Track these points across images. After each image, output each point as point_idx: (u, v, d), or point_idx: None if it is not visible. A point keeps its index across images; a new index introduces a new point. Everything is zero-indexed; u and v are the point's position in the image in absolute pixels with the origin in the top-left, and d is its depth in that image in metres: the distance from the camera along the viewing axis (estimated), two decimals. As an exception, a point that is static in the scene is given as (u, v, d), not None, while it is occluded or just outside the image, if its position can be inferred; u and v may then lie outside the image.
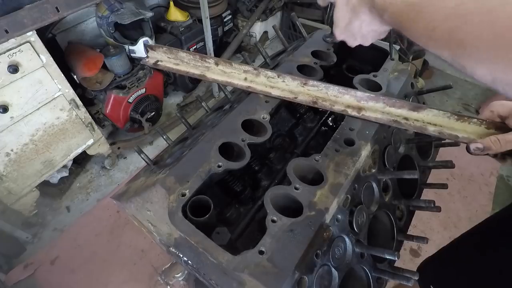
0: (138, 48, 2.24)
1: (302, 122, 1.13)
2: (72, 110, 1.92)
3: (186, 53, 0.87)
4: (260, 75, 0.85)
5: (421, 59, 3.10)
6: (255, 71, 0.85)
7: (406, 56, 2.75)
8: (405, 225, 0.96)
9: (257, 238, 0.60)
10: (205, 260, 0.60)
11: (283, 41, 1.21)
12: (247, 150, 0.74)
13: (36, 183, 1.96)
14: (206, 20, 2.46)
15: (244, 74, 0.82)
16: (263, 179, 0.97)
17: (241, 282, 0.56)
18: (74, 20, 2.28)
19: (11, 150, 1.73)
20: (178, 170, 0.70)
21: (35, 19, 1.48)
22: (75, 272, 1.92)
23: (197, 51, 2.81)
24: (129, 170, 2.54)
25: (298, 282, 0.58)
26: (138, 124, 2.53)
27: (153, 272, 1.91)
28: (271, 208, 0.64)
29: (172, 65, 0.90)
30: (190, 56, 0.87)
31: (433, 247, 1.88)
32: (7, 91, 1.56)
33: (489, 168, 2.54)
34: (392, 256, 0.70)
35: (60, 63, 1.74)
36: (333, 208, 0.68)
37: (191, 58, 0.87)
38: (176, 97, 3.14)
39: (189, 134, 0.98)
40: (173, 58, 0.90)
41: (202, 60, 0.85)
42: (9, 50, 1.48)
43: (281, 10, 3.63)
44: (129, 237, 2.07)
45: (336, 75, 1.18)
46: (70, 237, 2.08)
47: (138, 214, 0.71)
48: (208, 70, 0.85)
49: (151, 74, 2.45)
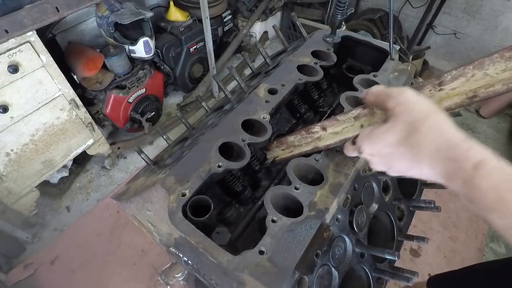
0: (138, 48, 2.24)
1: (302, 122, 1.13)
2: (72, 110, 1.92)
3: (293, 135, 0.80)
4: (375, 113, 0.63)
5: (421, 59, 3.10)
6: (366, 110, 0.64)
7: (406, 56, 2.75)
8: (405, 225, 0.96)
9: (257, 238, 0.60)
10: (205, 260, 0.60)
11: (283, 41, 1.21)
12: (247, 150, 0.74)
13: (36, 183, 1.96)
14: (206, 20, 2.46)
15: (357, 122, 0.65)
16: (263, 179, 0.97)
17: (241, 282, 0.56)
18: (74, 20, 2.28)
19: (11, 150, 1.73)
20: (178, 170, 0.70)
21: (35, 19, 1.48)
22: (75, 272, 1.92)
23: (197, 51, 2.82)
24: (129, 170, 2.54)
25: (298, 282, 0.58)
26: (138, 124, 2.53)
27: (153, 272, 1.91)
28: (271, 208, 0.64)
29: (288, 155, 0.84)
30: (298, 136, 0.79)
31: (433, 247, 1.87)
32: (7, 91, 1.56)
33: (489, 168, 2.55)
34: (392, 256, 0.70)
35: (60, 63, 1.74)
36: (333, 208, 0.68)
37: (299, 137, 0.79)
38: (176, 97, 3.14)
39: (189, 134, 0.98)
40: (285, 148, 0.84)
41: (308, 133, 0.77)
42: (9, 50, 1.48)
43: (281, 10, 3.63)
44: (129, 237, 2.07)
45: (336, 75, 1.18)
46: (70, 237, 2.08)
47: (138, 214, 0.71)
48: (320, 140, 0.74)
49: (151, 74, 2.45)
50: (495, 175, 0.42)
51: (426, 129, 0.47)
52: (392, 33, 1.00)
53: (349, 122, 0.66)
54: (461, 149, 0.45)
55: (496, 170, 0.42)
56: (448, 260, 1.94)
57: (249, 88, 0.97)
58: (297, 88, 0.94)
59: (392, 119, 0.52)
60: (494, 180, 0.42)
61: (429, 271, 1.92)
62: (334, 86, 1.22)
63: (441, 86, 0.51)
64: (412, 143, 0.49)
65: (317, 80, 0.94)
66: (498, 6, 2.85)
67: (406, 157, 0.51)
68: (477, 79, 0.47)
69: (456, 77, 0.49)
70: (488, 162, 0.43)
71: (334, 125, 0.70)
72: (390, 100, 0.52)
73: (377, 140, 0.54)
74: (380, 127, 0.54)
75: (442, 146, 0.46)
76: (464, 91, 0.49)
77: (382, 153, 0.54)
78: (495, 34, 3.00)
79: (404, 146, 0.50)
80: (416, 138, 0.48)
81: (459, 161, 0.45)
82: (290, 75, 0.93)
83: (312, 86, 1.11)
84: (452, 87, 0.50)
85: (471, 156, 0.44)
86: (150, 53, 2.33)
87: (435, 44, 3.38)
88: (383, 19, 3.42)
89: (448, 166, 0.46)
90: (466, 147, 0.45)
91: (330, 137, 0.72)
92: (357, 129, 0.65)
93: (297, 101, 1.08)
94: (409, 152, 0.50)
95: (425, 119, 0.48)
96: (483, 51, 3.16)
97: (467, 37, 3.18)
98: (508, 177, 0.42)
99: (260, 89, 0.89)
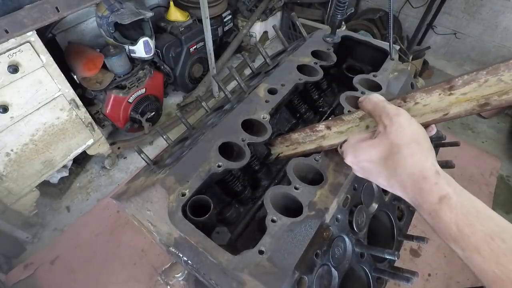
0: (138, 48, 2.24)
1: (302, 122, 1.13)
2: (72, 110, 1.92)
3: (297, 132, 0.79)
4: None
5: (421, 59, 3.11)
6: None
7: (406, 56, 2.75)
8: (405, 225, 0.96)
9: (257, 238, 0.60)
10: (205, 260, 0.60)
11: (283, 41, 1.21)
12: (247, 150, 0.74)
13: (36, 183, 1.96)
14: (206, 20, 2.46)
15: (363, 122, 0.64)
16: (263, 179, 0.97)
17: (241, 282, 0.56)
18: (74, 20, 2.28)
19: (11, 150, 1.73)
20: (178, 170, 0.70)
21: (35, 19, 1.48)
22: (75, 272, 1.92)
23: (197, 50, 2.82)
24: (129, 170, 2.54)
25: (298, 282, 0.58)
26: (138, 124, 2.53)
27: (153, 272, 1.91)
28: (271, 208, 0.64)
29: (291, 152, 0.84)
30: (302, 133, 0.78)
31: (433, 247, 1.87)
32: (7, 91, 1.56)
33: (489, 168, 2.54)
34: (392, 256, 0.70)
35: (60, 63, 1.75)
36: (333, 208, 0.68)
37: (303, 135, 0.78)
38: (176, 97, 3.14)
39: (189, 134, 0.98)
40: (289, 144, 0.84)
41: (312, 131, 0.76)
42: (9, 50, 1.48)
43: (281, 10, 3.63)
44: (129, 237, 2.07)
45: (336, 75, 1.18)
46: (70, 237, 2.07)
47: (138, 214, 0.71)
48: (324, 138, 0.73)
49: (151, 74, 2.45)
50: (456, 210, 0.45)
51: (403, 156, 0.50)
52: (392, 33, 1.00)
53: (354, 122, 0.66)
54: (430, 182, 0.48)
55: (458, 205, 0.45)
56: (448, 260, 1.94)
57: (249, 88, 0.97)
58: (297, 88, 0.94)
59: (379, 137, 0.54)
60: (456, 215, 0.45)
61: (429, 271, 1.92)
62: (334, 86, 1.22)
63: (452, 90, 0.49)
64: (388, 165, 0.52)
65: (317, 80, 0.94)
66: (498, 6, 2.86)
67: (382, 176, 0.54)
68: (490, 85, 0.44)
69: (467, 82, 0.47)
70: (451, 197, 0.46)
71: (339, 125, 0.69)
72: (386, 117, 0.53)
73: (360, 153, 0.57)
74: (367, 141, 0.57)
75: (413, 176, 0.49)
76: (475, 97, 0.47)
77: (361, 165, 0.58)
78: (495, 34, 3.00)
79: (381, 166, 0.53)
80: (393, 162, 0.51)
81: (427, 193, 0.48)
82: (290, 75, 0.93)
83: (312, 86, 1.11)
84: (463, 92, 0.48)
85: (436, 190, 0.47)
86: (150, 53, 2.33)
87: (435, 44, 3.38)
88: (383, 19, 3.42)
89: (416, 195, 0.49)
90: (434, 181, 0.48)
91: (334, 136, 0.71)
92: (362, 129, 0.64)
93: (297, 101, 1.08)
94: (384, 172, 0.53)
95: (406, 146, 0.50)
96: (483, 51, 3.16)
97: (467, 37, 3.18)
98: (467, 212, 0.44)
99: (260, 89, 0.89)
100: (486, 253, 0.42)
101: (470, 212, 0.44)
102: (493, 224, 0.43)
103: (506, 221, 0.44)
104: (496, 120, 3.02)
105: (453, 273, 1.87)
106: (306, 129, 0.77)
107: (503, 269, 0.40)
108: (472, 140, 2.85)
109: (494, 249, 0.41)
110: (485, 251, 0.42)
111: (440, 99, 0.51)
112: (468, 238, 0.43)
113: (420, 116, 0.56)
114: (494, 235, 0.42)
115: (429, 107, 0.53)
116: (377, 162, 0.54)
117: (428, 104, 0.53)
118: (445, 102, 0.51)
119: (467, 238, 0.43)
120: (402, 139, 0.51)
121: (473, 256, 0.43)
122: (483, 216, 0.44)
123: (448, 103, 0.51)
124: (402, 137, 0.51)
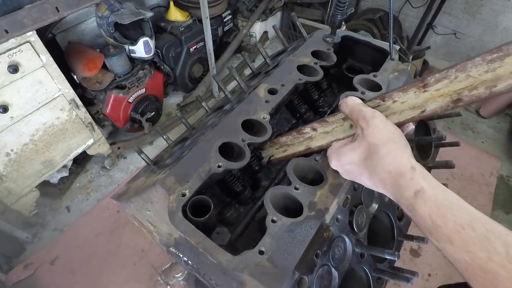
0: (138, 48, 2.24)
1: (302, 122, 1.13)
2: (72, 110, 1.92)
3: (285, 135, 0.82)
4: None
5: (421, 59, 3.11)
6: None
7: (406, 56, 2.75)
8: (405, 225, 0.96)
9: (257, 238, 0.60)
10: (205, 260, 0.60)
11: (283, 41, 1.21)
12: (247, 150, 0.74)
13: (36, 183, 1.96)
14: (206, 20, 2.46)
15: (346, 122, 0.67)
16: (263, 179, 0.97)
17: (241, 282, 0.56)
18: (74, 20, 2.28)
19: (11, 150, 1.73)
20: (178, 170, 0.70)
21: (35, 19, 1.48)
22: (75, 272, 1.92)
23: (197, 51, 2.82)
24: (129, 170, 2.54)
25: (298, 282, 0.58)
26: (138, 124, 2.53)
27: (153, 272, 1.91)
28: (271, 208, 0.64)
29: (282, 154, 0.85)
30: (290, 136, 0.81)
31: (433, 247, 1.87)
32: (7, 91, 1.56)
33: (489, 168, 2.54)
34: (392, 256, 0.70)
35: (60, 63, 1.75)
36: (333, 208, 0.68)
37: (291, 137, 0.81)
38: (176, 97, 3.15)
39: (189, 134, 0.98)
40: (279, 147, 0.86)
41: (299, 134, 0.78)
42: (9, 50, 1.48)
43: (281, 10, 3.63)
44: (129, 237, 2.07)
45: (336, 75, 1.18)
46: (70, 237, 2.08)
47: (138, 214, 0.71)
48: (312, 139, 0.76)
49: (151, 74, 2.45)
50: (430, 202, 0.47)
51: (381, 155, 0.53)
52: (392, 33, 1.00)
53: (338, 123, 0.69)
54: (406, 177, 0.50)
55: (432, 198, 0.47)
56: (448, 260, 1.94)
57: (249, 88, 0.97)
58: (297, 88, 0.94)
59: (358, 139, 0.57)
60: (429, 207, 0.46)
61: (429, 271, 1.92)
62: (334, 86, 1.22)
63: (426, 88, 0.53)
64: (368, 165, 0.55)
65: (317, 80, 0.94)
66: (498, 6, 2.86)
67: (364, 176, 0.57)
68: (460, 80, 0.49)
69: (439, 79, 0.51)
70: (425, 191, 0.48)
71: (323, 126, 0.72)
72: (362, 120, 0.56)
73: (342, 157, 0.61)
74: (348, 145, 0.60)
75: (391, 173, 0.51)
76: (448, 92, 0.51)
77: (345, 168, 0.61)
78: (495, 34, 3.00)
79: (362, 167, 0.56)
80: (372, 162, 0.54)
81: (403, 188, 0.50)
82: (290, 75, 0.93)
83: (312, 86, 1.11)
84: (436, 88, 0.52)
85: (412, 185, 0.49)
86: (150, 53, 2.33)
87: (435, 44, 3.38)
88: (383, 19, 3.42)
89: (395, 191, 0.52)
90: (410, 176, 0.50)
91: (321, 137, 0.74)
92: (347, 129, 0.67)
93: (297, 101, 1.08)
94: (366, 172, 0.56)
95: (383, 146, 0.52)
96: (483, 51, 3.16)
97: (467, 37, 3.18)
98: (440, 205, 0.46)
99: (260, 89, 0.89)
100: (457, 242, 0.43)
101: (443, 204, 0.46)
102: (465, 214, 0.44)
103: (478, 211, 0.45)
104: (496, 120, 3.02)
105: (453, 273, 1.87)
106: (293, 132, 0.80)
107: (473, 256, 0.41)
108: (472, 140, 2.85)
109: (465, 238, 0.42)
110: (456, 240, 0.43)
111: (416, 96, 0.55)
112: (441, 229, 0.45)
113: (400, 113, 0.58)
114: (465, 225, 0.43)
115: (406, 104, 0.56)
116: (358, 164, 0.57)
117: (406, 102, 0.56)
118: (421, 99, 0.54)
119: (440, 229, 0.45)
120: (379, 139, 0.53)
121: (446, 246, 0.45)
122: (455, 207, 0.45)
123: (423, 99, 0.54)
124: (378, 138, 0.54)
